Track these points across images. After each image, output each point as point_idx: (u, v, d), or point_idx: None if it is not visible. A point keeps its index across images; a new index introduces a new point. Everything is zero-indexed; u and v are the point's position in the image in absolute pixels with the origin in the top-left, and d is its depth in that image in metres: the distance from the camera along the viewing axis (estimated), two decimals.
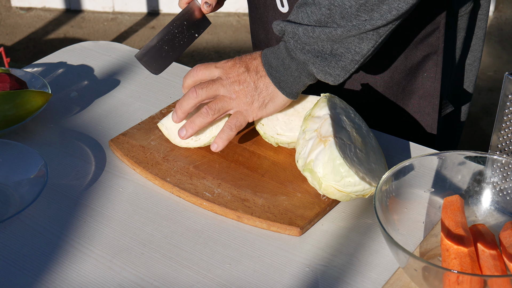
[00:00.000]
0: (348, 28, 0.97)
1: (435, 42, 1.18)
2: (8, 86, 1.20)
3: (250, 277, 0.90)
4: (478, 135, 2.82)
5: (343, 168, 0.94)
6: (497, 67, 3.29)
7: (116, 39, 3.63)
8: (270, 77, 1.05)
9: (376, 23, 0.97)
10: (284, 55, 1.04)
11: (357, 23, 0.97)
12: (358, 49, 1.00)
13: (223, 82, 1.06)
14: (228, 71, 1.07)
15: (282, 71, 1.04)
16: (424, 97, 1.23)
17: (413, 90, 1.23)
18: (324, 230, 0.98)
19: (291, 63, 1.03)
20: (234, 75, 1.06)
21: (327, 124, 0.98)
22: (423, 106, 1.24)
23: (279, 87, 1.05)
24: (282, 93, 1.05)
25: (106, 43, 1.52)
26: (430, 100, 1.23)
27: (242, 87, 1.05)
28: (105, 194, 1.05)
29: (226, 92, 1.06)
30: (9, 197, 1.04)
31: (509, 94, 0.94)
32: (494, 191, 0.95)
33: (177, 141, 1.12)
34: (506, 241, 0.86)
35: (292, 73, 1.04)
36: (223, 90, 1.06)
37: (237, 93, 1.06)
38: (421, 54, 1.19)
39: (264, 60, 1.05)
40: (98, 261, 0.93)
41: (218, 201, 1.01)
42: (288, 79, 1.04)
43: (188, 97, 1.06)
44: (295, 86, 1.05)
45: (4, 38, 3.66)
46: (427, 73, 1.21)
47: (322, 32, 0.98)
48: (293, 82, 1.05)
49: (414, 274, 0.82)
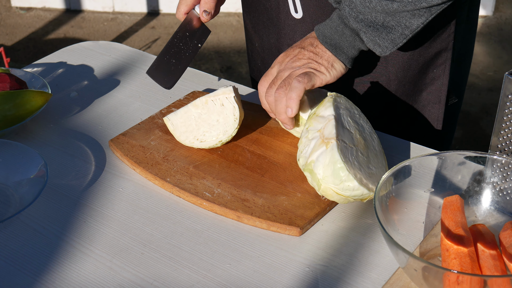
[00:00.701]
0: (404, 3, 1.00)
1: (447, 38, 1.21)
2: (8, 86, 1.20)
3: (250, 277, 0.90)
4: (478, 135, 2.82)
5: (343, 172, 0.93)
6: (497, 67, 3.29)
7: (116, 39, 3.63)
8: (325, 45, 1.07)
9: (432, 2, 0.99)
10: (337, 22, 1.06)
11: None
12: (408, 24, 1.02)
13: (282, 69, 1.07)
14: (282, 60, 1.08)
15: (336, 38, 1.07)
16: (432, 91, 1.25)
17: (423, 86, 1.25)
18: (324, 230, 0.98)
19: (344, 29, 1.06)
20: (291, 58, 1.08)
21: (331, 125, 0.98)
22: (431, 99, 1.26)
23: (336, 53, 1.07)
24: (339, 59, 1.07)
25: (106, 43, 1.52)
26: (437, 94, 1.25)
27: (302, 61, 1.07)
28: (105, 194, 1.05)
29: (290, 70, 1.07)
30: (9, 197, 1.04)
31: (509, 94, 0.94)
32: (494, 191, 0.95)
33: (182, 139, 1.12)
34: (506, 241, 0.86)
35: (346, 38, 1.07)
36: (286, 73, 1.07)
37: (300, 65, 1.07)
38: (433, 51, 1.21)
39: (318, 33, 1.08)
40: (98, 261, 0.93)
41: (218, 201, 1.01)
42: (343, 44, 1.07)
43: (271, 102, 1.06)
44: (350, 51, 1.08)
45: (4, 38, 3.66)
46: (437, 70, 1.23)
47: (378, 4, 1.01)
48: (348, 47, 1.07)
49: (414, 274, 0.82)
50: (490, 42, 3.50)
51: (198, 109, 1.12)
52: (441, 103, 1.26)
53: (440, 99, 1.25)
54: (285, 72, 1.07)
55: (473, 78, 3.20)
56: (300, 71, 1.06)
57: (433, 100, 1.26)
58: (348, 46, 1.07)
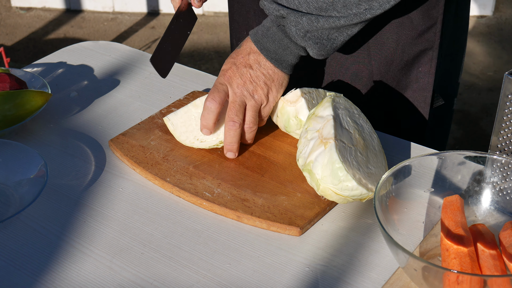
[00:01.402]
0: (350, 17, 1.01)
1: (432, 37, 1.21)
2: (8, 86, 1.20)
3: (250, 277, 0.90)
4: (478, 135, 2.82)
5: (342, 172, 0.94)
6: (497, 67, 3.29)
7: (116, 39, 3.63)
8: (272, 61, 1.09)
9: (376, 12, 1.01)
10: (280, 36, 1.08)
11: (357, 11, 1.01)
12: (350, 32, 1.05)
13: (236, 92, 1.09)
14: (232, 80, 1.09)
15: (281, 52, 1.08)
16: (417, 90, 1.25)
17: (407, 84, 1.25)
18: (324, 230, 0.98)
19: (289, 44, 1.08)
20: (243, 79, 1.09)
21: (329, 126, 0.98)
22: (416, 99, 1.26)
23: (282, 67, 1.10)
24: (283, 71, 1.11)
25: (106, 43, 1.52)
26: (422, 94, 1.25)
27: (256, 82, 1.09)
28: (105, 194, 1.05)
29: (248, 94, 1.09)
30: (9, 197, 1.04)
31: (508, 94, 0.94)
32: (494, 191, 0.95)
33: (182, 139, 1.12)
34: (506, 241, 0.86)
35: (292, 51, 1.09)
36: (242, 97, 1.09)
37: (255, 88, 1.09)
38: (418, 49, 1.21)
39: (261, 49, 1.09)
40: (98, 261, 0.93)
41: (218, 201, 1.01)
42: (288, 58, 1.09)
43: (230, 129, 1.08)
44: (293, 60, 1.10)
45: (4, 38, 3.66)
46: (422, 68, 1.23)
47: (326, 22, 1.02)
48: (292, 58, 1.10)
49: (414, 274, 0.82)
50: (490, 42, 3.50)
51: (198, 109, 1.12)
52: (426, 102, 1.25)
53: (426, 99, 1.25)
54: (243, 96, 1.09)
55: (473, 78, 3.20)
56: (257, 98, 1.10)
57: (418, 99, 1.26)
58: (292, 58, 1.10)
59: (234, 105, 1.08)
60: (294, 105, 1.10)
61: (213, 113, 1.07)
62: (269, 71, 1.09)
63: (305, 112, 1.09)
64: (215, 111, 1.07)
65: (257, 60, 1.09)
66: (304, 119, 1.09)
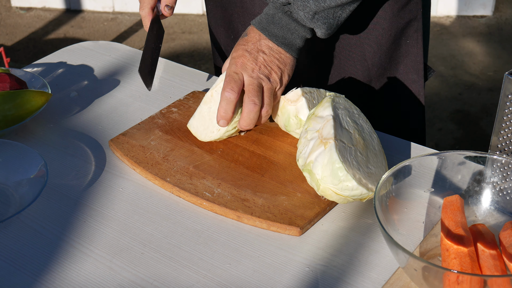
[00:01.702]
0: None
1: (415, 8, 1.25)
2: (8, 86, 1.20)
3: (250, 277, 0.90)
4: (478, 135, 2.82)
5: (342, 172, 0.94)
6: (497, 67, 3.29)
7: (116, 39, 3.63)
8: (282, 46, 1.11)
9: None
10: (286, 21, 1.09)
11: None
12: (351, 8, 1.09)
13: (253, 75, 1.10)
14: (247, 66, 1.10)
15: (289, 36, 1.10)
16: (409, 64, 1.29)
17: (399, 58, 1.29)
18: (324, 230, 0.98)
19: (297, 27, 1.10)
20: (258, 64, 1.10)
21: (329, 126, 0.98)
22: (409, 73, 1.29)
23: (291, 51, 1.11)
24: (292, 55, 1.12)
25: (106, 43, 1.52)
26: (415, 66, 1.29)
27: (271, 66, 1.10)
28: (105, 194, 1.05)
29: (264, 77, 1.11)
30: (9, 197, 1.04)
31: (508, 94, 0.94)
32: (494, 191, 0.95)
33: (206, 138, 1.13)
34: (506, 241, 0.86)
35: (299, 34, 1.11)
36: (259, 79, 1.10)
37: (270, 72, 1.11)
38: (403, 21, 1.25)
39: (269, 36, 1.10)
40: (98, 261, 0.93)
41: (218, 201, 1.01)
42: (296, 41, 1.11)
43: (251, 111, 1.08)
44: (301, 43, 1.12)
45: (4, 38, 3.66)
46: (410, 41, 1.27)
47: (332, 1, 1.05)
48: (300, 42, 1.12)
49: (414, 274, 0.82)
50: (490, 42, 3.50)
51: (207, 104, 1.13)
52: (419, 75, 1.29)
53: (418, 71, 1.29)
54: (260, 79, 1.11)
55: (473, 78, 3.20)
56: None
57: (412, 72, 1.29)
58: (300, 41, 1.12)
59: (254, 87, 1.08)
60: (294, 104, 1.10)
61: (233, 103, 1.08)
62: (281, 55, 1.11)
63: (305, 112, 1.09)
64: (234, 101, 1.08)
65: (268, 45, 1.10)
66: (304, 118, 1.09)
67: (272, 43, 1.10)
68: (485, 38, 3.55)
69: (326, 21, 1.08)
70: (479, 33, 3.58)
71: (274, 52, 1.10)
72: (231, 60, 1.11)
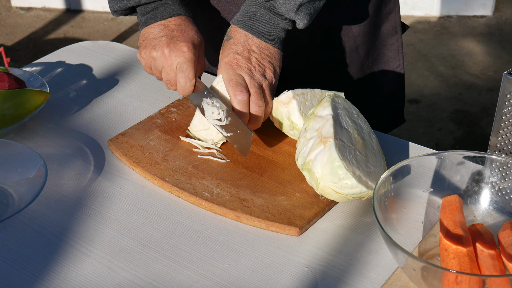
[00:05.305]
0: None
1: None
2: (7, 85, 1.20)
3: (249, 277, 0.90)
4: (477, 135, 2.82)
5: (341, 170, 0.94)
6: (497, 67, 3.29)
7: (116, 39, 3.63)
8: (269, 41, 1.12)
9: None
10: (269, 17, 1.11)
11: None
12: None
13: (253, 77, 1.11)
14: (243, 69, 1.10)
15: (273, 30, 1.12)
16: (388, 25, 1.37)
17: (380, 22, 1.36)
18: (323, 230, 0.98)
19: (280, 21, 1.11)
20: (252, 64, 1.11)
21: (329, 125, 0.98)
22: (389, 33, 1.37)
23: (277, 44, 1.13)
24: (278, 48, 1.14)
25: (106, 43, 1.52)
26: (393, 26, 1.37)
27: (264, 64, 1.12)
28: (104, 194, 1.05)
29: (261, 77, 1.12)
30: (8, 197, 1.04)
31: (508, 93, 0.94)
32: (493, 190, 0.95)
33: (212, 137, 1.13)
34: (504, 240, 0.86)
35: (282, 27, 1.13)
36: (258, 81, 1.12)
37: (264, 69, 1.12)
38: None
39: (255, 34, 1.12)
40: (97, 261, 0.93)
41: (217, 201, 1.01)
42: (280, 34, 1.13)
43: (257, 113, 1.11)
44: (284, 35, 1.14)
45: (4, 38, 3.66)
46: (389, 5, 1.35)
47: None
48: (283, 34, 1.14)
49: (413, 274, 0.82)
50: (490, 42, 3.50)
51: None
52: (398, 34, 1.37)
53: (396, 30, 1.37)
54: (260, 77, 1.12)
55: (473, 78, 3.20)
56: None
57: (391, 32, 1.37)
58: (283, 33, 1.13)
59: (255, 90, 1.10)
60: (286, 106, 1.11)
61: (247, 103, 1.10)
62: (270, 51, 1.12)
63: (297, 114, 1.09)
64: (248, 100, 1.10)
65: (256, 43, 1.12)
66: (296, 120, 1.09)
67: (259, 41, 1.11)
68: (485, 38, 3.55)
69: (309, 11, 1.09)
70: (479, 33, 3.58)
71: (263, 49, 1.12)
72: (224, 65, 1.11)
